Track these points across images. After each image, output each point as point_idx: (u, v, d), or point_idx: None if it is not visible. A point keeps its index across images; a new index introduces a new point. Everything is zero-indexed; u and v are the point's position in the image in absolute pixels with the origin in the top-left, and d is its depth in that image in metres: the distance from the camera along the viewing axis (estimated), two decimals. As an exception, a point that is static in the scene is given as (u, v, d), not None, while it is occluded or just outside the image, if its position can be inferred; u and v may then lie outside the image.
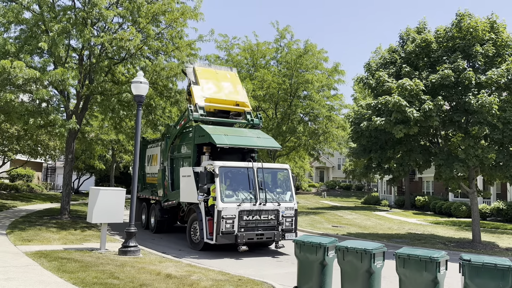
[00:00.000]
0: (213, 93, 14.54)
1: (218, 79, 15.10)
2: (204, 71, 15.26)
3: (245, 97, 15.24)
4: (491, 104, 12.86)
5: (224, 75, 15.41)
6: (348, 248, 6.80)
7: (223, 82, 15.09)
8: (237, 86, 15.31)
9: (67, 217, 17.79)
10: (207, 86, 14.65)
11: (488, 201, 27.21)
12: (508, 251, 14.20)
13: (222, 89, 14.88)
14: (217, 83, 14.94)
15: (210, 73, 15.29)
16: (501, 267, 5.54)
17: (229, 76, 15.51)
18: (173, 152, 15.55)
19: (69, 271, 8.37)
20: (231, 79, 15.44)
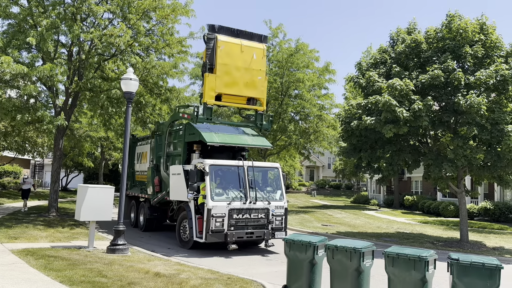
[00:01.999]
0: (227, 85, 12.75)
1: (240, 61, 12.85)
2: (228, 47, 12.65)
3: (262, 91, 13.46)
4: (480, 104, 12.98)
5: (249, 54, 12.96)
6: (338, 247, 6.80)
7: (244, 66, 12.92)
8: (258, 73, 13.21)
9: (55, 214, 17.60)
10: (223, 74, 12.60)
11: (476, 201, 27.51)
12: (495, 251, 14.36)
13: (240, 78, 12.91)
14: (237, 67, 12.81)
15: (234, 50, 12.76)
16: (488, 266, 5.59)
17: (255, 57, 13.09)
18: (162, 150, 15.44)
19: (56, 269, 8.27)
20: (256, 61, 13.09)
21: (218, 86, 12.57)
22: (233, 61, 12.71)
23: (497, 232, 19.60)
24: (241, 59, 12.80)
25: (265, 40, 13.58)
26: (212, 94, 12.57)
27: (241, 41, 12.88)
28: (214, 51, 12.44)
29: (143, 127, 17.16)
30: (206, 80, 12.47)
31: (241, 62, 12.81)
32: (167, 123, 14.82)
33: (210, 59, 12.50)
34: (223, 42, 12.51)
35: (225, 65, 12.58)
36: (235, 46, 12.71)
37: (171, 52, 16.68)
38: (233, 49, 12.68)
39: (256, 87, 13.21)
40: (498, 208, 24.59)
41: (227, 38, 12.58)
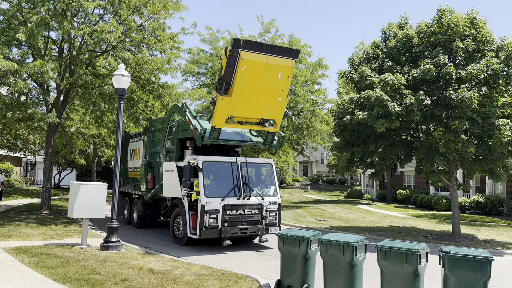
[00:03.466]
0: (243, 108, 11.42)
1: (262, 81, 11.09)
2: (251, 67, 10.70)
3: (280, 112, 12.12)
4: (471, 99, 13.07)
5: (274, 73, 11.12)
6: (331, 241, 6.84)
7: (266, 87, 11.24)
8: (280, 94, 11.63)
9: (47, 212, 17.52)
10: (240, 96, 11.03)
11: (467, 195, 27.77)
12: (487, 243, 14.52)
13: (258, 100, 11.40)
14: (257, 88, 11.15)
15: (258, 69, 10.87)
16: (479, 258, 5.64)
17: (280, 77, 11.27)
18: (156, 147, 15.41)
19: (49, 266, 8.23)
20: (280, 81, 11.35)
21: (232, 110, 11.24)
22: (254, 82, 10.98)
23: (488, 225, 19.81)
24: (264, 79, 11.07)
25: (296, 55, 11.49)
26: (224, 118, 11.37)
27: (267, 58, 10.84)
28: (234, 70, 10.69)
29: (136, 123, 17.07)
30: (219, 103, 11.04)
31: (263, 82, 11.11)
32: (167, 119, 14.42)
33: (227, 78, 10.81)
34: (247, 61, 10.60)
35: (244, 87, 10.93)
36: (259, 65, 10.80)
37: (162, 48, 16.58)
38: (256, 68, 10.81)
39: (274, 108, 11.86)
40: (490, 201, 24.84)
41: (251, 55, 10.62)
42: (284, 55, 11.16)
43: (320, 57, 26.62)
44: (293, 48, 11.54)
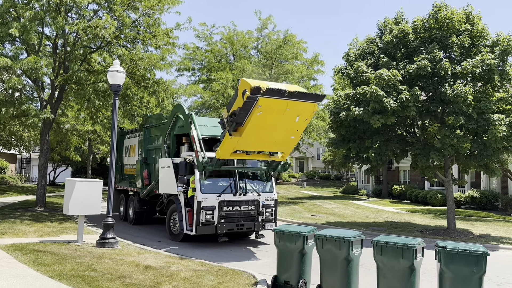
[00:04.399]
0: (252, 144, 10.73)
1: (278, 122, 10.09)
2: (268, 110, 9.58)
3: (290, 147, 11.48)
4: (466, 94, 13.11)
5: (293, 116, 10.06)
6: (327, 236, 6.84)
7: (281, 128, 10.32)
8: (294, 133, 10.78)
9: (42, 209, 17.42)
10: (251, 135, 10.16)
11: (463, 190, 27.93)
12: (482, 238, 14.61)
13: (270, 138, 10.59)
14: (271, 129, 10.22)
15: (275, 112, 9.75)
16: (475, 253, 5.67)
17: (298, 120, 10.26)
18: (151, 143, 15.36)
19: (45, 263, 8.20)
20: (296, 124, 10.41)
21: (240, 146, 10.49)
22: (268, 123, 10.04)
23: (483, 220, 19.93)
24: (280, 121, 10.07)
25: (321, 99, 10.45)
26: (230, 152, 10.72)
27: (287, 103, 9.70)
28: (249, 112, 9.67)
29: (131, 120, 16.99)
30: (227, 140, 10.25)
31: (279, 124, 10.15)
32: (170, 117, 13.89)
33: (240, 119, 9.87)
34: (264, 108, 9.51)
35: (256, 128, 10.01)
36: (277, 110, 9.75)
37: (157, 44, 16.49)
38: (274, 111, 9.77)
39: (284, 144, 11.14)
40: (485, 196, 24.99)
41: (270, 101, 9.49)
42: (307, 99, 10.06)
43: (316, 53, 26.68)
44: (319, 94, 10.40)
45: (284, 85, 10.16)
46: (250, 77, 24.89)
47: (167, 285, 7.00)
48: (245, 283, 7.42)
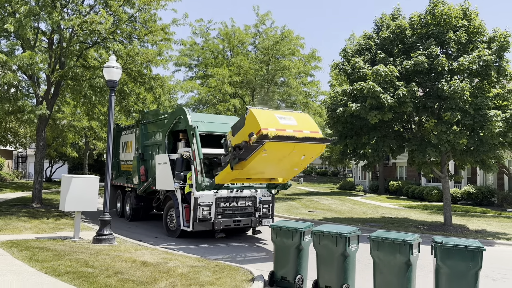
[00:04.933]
0: (253, 175, 10.75)
1: (282, 159, 10.03)
2: (273, 150, 9.37)
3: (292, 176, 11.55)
4: (463, 90, 13.12)
5: (298, 155, 10.05)
6: (324, 232, 6.86)
7: (284, 163, 10.26)
8: (297, 167, 10.85)
9: (39, 205, 17.37)
10: (252, 169, 10.20)
11: (459, 186, 28.03)
12: (478, 233, 14.68)
13: (272, 169, 10.62)
14: (274, 163, 10.18)
15: (281, 152, 9.61)
16: (471, 248, 5.69)
17: (303, 158, 10.31)
18: (148, 139, 15.32)
19: (41, 260, 8.17)
20: (301, 161, 10.47)
21: (241, 176, 10.46)
22: (273, 160, 9.89)
23: (479, 216, 20.02)
24: (285, 158, 9.99)
25: (330, 141, 10.73)
26: (229, 180, 10.67)
27: (295, 146, 9.55)
28: (254, 152, 9.47)
29: (128, 116, 16.92)
30: (227, 171, 10.17)
31: (283, 160, 10.08)
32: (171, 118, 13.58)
33: (244, 155, 9.68)
34: (270, 150, 9.31)
35: (260, 164, 9.93)
36: (284, 149, 9.56)
37: (154, 39, 16.40)
38: (280, 152, 9.62)
39: (287, 174, 11.20)
40: (481, 192, 25.10)
41: (277, 144, 9.27)
42: (316, 142, 9.99)
43: (313, 49, 26.63)
44: (329, 138, 10.44)
45: (293, 127, 9.84)
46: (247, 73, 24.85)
47: (164, 281, 7.00)
48: (242, 279, 7.43)
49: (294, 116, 10.34)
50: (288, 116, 10.23)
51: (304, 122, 10.33)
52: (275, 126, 9.48)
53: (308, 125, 10.28)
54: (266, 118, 9.55)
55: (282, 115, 10.11)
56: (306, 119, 10.62)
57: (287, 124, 9.82)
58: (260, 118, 9.39)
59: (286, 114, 10.38)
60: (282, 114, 10.21)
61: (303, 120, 10.40)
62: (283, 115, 10.14)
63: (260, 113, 9.66)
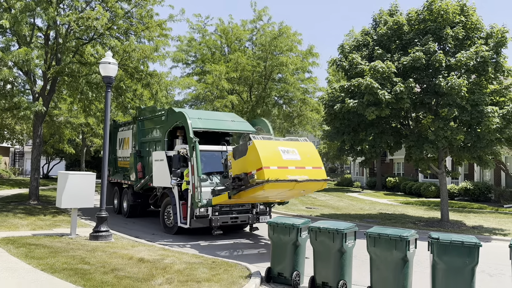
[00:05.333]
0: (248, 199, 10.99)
1: (281, 192, 10.18)
2: (273, 190, 9.65)
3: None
4: (460, 86, 13.12)
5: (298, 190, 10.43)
6: (321, 228, 6.85)
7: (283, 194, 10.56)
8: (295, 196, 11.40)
9: (36, 202, 17.33)
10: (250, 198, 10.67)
11: (456, 182, 28.09)
12: (475, 229, 14.71)
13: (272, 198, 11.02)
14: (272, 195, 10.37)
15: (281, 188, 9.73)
16: (467, 244, 5.69)
17: (303, 192, 11.00)
18: (145, 136, 15.27)
19: (37, 257, 8.14)
20: (301, 194, 11.36)
21: (238, 201, 10.85)
22: (271, 193, 10.09)
23: (476, 212, 20.07)
24: (284, 192, 10.20)
25: (329, 180, 10.77)
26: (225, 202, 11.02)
27: (295, 185, 9.64)
28: (252, 187, 9.58)
29: (124, 112, 16.85)
30: (225, 197, 10.48)
31: (282, 193, 10.30)
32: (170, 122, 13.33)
33: (243, 186, 9.85)
34: (270, 189, 9.51)
35: (258, 195, 10.08)
36: (284, 187, 9.72)
37: (150, 35, 16.32)
38: (279, 189, 9.77)
39: (286, 198, 11.43)
40: (478, 188, 25.16)
41: (277, 184, 9.42)
42: (315, 181, 10.08)
43: (311, 45, 26.49)
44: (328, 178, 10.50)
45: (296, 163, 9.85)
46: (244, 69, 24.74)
47: (160, 278, 6.98)
48: (239, 275, 7.42)
49: (297, 148, 10.31)
50: (292, 148, 10.22)
51: (307, 155, 10.31)
52: (277, 163, 9.60)
53: (311, 159, 10.28)
54: (269, 152, 9.61)
55: (285, 148, 10.10)
56: (310, 151, 10.58)
57: (290, 160, 9.83)
58: (262, 153, 9.44)
59: (290, 145, 10.35)
60: (286, 146, 10.19)
61: (307, 152, 10.38)
62: (286, 148, 10.13)
63: (263, 147, 9.68)
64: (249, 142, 9.79)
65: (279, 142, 10.37)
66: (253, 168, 9.53)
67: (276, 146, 9.99)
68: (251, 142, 9.70)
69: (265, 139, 10.17)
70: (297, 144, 10.55)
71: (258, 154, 9.42)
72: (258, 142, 9.71)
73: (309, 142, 10.95)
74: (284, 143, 10.38)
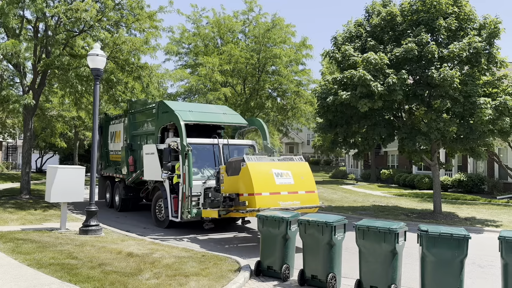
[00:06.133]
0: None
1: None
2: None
3: None
4: (453, 77, 13.04)
5: None
6: (310, 221, 6.79)
7: None
8: None
9: (27, 197, 17.21)
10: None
11: (449, 173, 28.17)
12: (467, 221, 14.74)
13: None
14: None
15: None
16: (457, 236, 5.64)
17: None
18: (137, 129, 15.13)
19: (24, 252, 8.04)
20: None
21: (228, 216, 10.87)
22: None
23: (469, 203, 20.13)
24: None
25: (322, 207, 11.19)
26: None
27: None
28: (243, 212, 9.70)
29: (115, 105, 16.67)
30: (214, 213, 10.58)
31: None
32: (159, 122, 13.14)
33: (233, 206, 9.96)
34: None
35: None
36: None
37: (141, 27, 16.11)
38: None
39: None
40: (471, 179, 25.23)
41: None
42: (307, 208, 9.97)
43: (304, 37, 26.32)
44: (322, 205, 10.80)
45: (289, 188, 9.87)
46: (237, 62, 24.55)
47: (148, 273, 6.90)
48: (228, 269, 7.35)
49: (291, 170, 10.16)
50: (286, 171, 10.08)
51: (301, 177, 10.18)
52: (270, 188, 9.52)
53: (305, 183, 10.15)
54: (262, 176, 9.47)
55: (279, 170, 9.96)
56: (304, 173, 10.44)
57: (283, 184, 9.70)
58: (255, 178, 9.33)
59: (284, 167, 10.17)
60: (280, 168, 10.04)
61: (301, 174, 10.25)
62: (280, 170, 9.99)
63: (256, 170, 9.54)
64: (242, 163, 9.69)
65: (273, 164, 10.17)
66: (245, 191, 9.54)
67: (270, 169, 9.87)
68: (245, 163, 9.61)
69: (259, 160, 10.03)
70: (291, 166, 10.39)
71: (251, 178, 9.35)
72: (252, 165, 9.60)
73: (304, 162, 10.77)
74: (278, 164, 10.20)
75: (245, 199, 9.54)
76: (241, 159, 9.92)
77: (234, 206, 9.80)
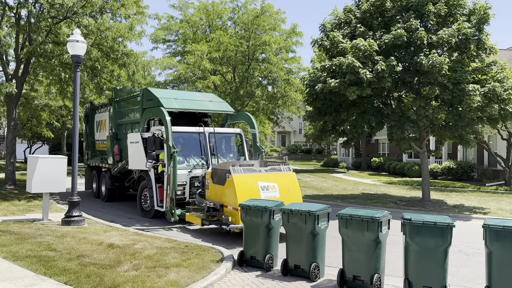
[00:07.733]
0: None
1: None
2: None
3: None
4: (442, 64, 12.89)
5: None
6: (293, 210, 6.65)
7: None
8: None
9: (12, 187, 16.93)
10: None
11: (439, 161, 28.22)
12: (455, 208, 14.72)
13: None
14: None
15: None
16: (440, 225, 5.53)
17: None
18: (122, 118, 14.84)
19: (1, 244, 7.82)
20: None
21: None
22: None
23: (458, 190, 20.16)
24: None
25: None
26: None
27: None
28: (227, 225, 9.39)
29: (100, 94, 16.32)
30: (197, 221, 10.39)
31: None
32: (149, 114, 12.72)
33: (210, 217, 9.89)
34: None
35: None
36: None
37: (127, 13, 15.72)
38: None
39: None
40: (461, 167, 25.29)
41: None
42: None
43: (294, 24, 26.03)
44: None
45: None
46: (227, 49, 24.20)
47: (127, 264, 6.73)
48: (210, 260, 7.20)
49: (278, 182, 9.94)
50: (272, 183, 9.84)
51: (287, 190, 9.97)
52: None
53: (291, 195, 9.92)
54: (247, 191, 9.25)
55: (265, 183, 9.73)
56: (291, 184, 10.20)
57: (268, 198, 9.40)
58: (240, 193, 9.12)
59: (271, 179, 9.92)
60: (266, 181, 9.79)
61: (288, 186, 10.04)
62: (266, 183, 9.76)
63: (241, 184, 9.32)
64: (228, 175, 9.48)
65: (259, 176, 9.89)
66: (229, 203, 9.40)
67: (256, 182, 9.65)
68: (231, 176, 9.40)
69: (245, 171, 9.77)
70: (278, 177, 10.16)
71: (236, 193, 9.16)
72: (237, 178, 9.37)
73: (291, 173, 10.53)
74: (265, 176, 9.95)
75: (229, 212, 9.39)
76: (227, 170, 9.67)
77: (218, 217, 9.70)
